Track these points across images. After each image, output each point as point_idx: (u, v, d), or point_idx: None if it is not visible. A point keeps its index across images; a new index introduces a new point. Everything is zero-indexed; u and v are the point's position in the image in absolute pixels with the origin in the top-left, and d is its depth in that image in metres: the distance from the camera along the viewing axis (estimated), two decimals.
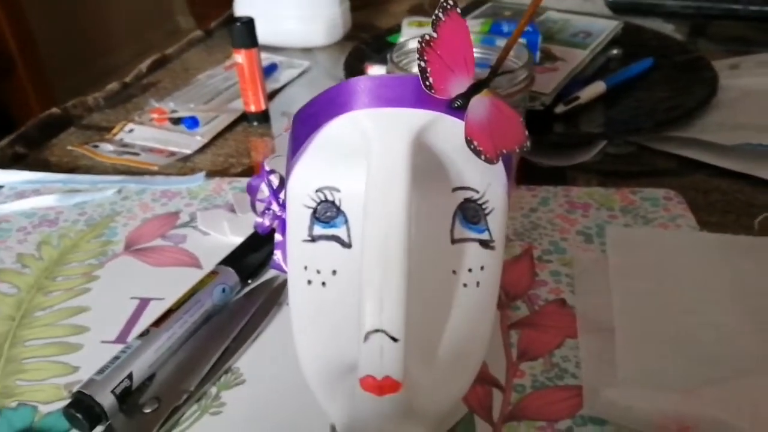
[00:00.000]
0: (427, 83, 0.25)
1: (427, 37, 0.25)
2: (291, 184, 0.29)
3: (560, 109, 0.53)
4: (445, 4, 0.25)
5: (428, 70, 0.25)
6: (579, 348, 0.32)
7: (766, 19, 0.77)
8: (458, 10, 0.25)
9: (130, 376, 0.30)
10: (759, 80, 0.58)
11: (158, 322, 0.33)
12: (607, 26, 0.67)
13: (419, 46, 0.25)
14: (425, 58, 0.25)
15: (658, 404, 0.27)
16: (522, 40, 0.43)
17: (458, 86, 0.26)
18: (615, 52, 0.65)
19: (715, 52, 0.69)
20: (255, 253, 0.38)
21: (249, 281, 0.37)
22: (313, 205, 0.28)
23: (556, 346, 0.32)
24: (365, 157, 0.25)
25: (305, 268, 0.28)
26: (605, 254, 0.38)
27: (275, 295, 0.36)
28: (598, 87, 0.56)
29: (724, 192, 0.45)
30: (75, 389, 0.29)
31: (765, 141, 0.45)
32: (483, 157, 0.26)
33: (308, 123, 0.28)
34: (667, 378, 0.29)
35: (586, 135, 0.51)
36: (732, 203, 0.43)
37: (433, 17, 0.25)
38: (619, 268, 0.36)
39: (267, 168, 0.35)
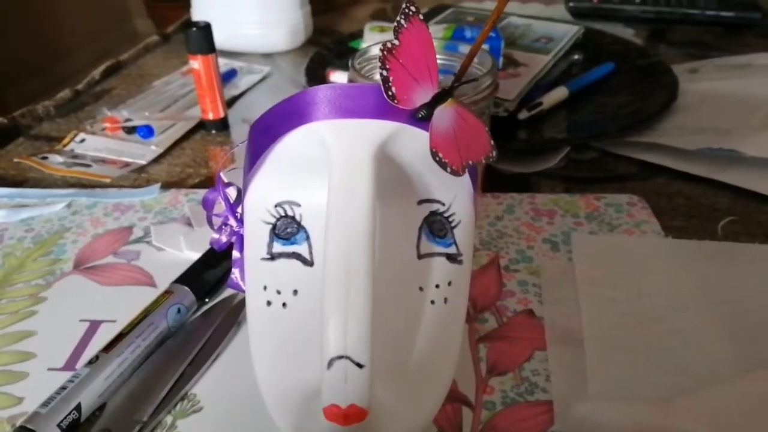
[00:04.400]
0: (390, 93, 0.24)
1: (389, 45, 0.24)
2: (248, 198, 0.27)
3: (524, 115, 0.53)
4: (407, 10, 0.24)
5: (390, 79, 0.24)
6: (548, 360, 0.31)
7: (721, 23, 0.79)
8: (421, 17, 0.24)
9: (77, 408, 0.28)
10: (718, 84, 0.58)
11: (108, 348, 0.31)
12: (568, 31, 0.67)
13: (381, 55, 0.24)
14: (387, 66, 0.24)
15: (629, 418, 0.26)
16: (485, 46, 0.42)
17: (422, 96, 0.25)
18: (576, 57, 0.66)
19: (674, 56, 0.70)
20: (212, 270, 0.36)
21: (206, 300, 0.36)
22: (272, 220, 0.27)
23: (526, 359, 0.31)
24: (326, 171, 0.24)
25: (264, 288, 0.26)
26: (572, 262, 0.37)
27: (234, 314, 0.34)
28: (560, 92, 0.56)
29: (687, 196, 0.45)
30: (18, 423, 0.27)
31: (725, 145, 0.46)
32: (449, 169, 0.25)
33: (266, 134, 0.26)
34: (637, 388, 0.29)
35: (550, 141, 0.51)
36: (695, 207, 0.44)
37: (395, 24, 0.24)
38: (585, 277, 0.36)
39: (224, 180, 0.34)
